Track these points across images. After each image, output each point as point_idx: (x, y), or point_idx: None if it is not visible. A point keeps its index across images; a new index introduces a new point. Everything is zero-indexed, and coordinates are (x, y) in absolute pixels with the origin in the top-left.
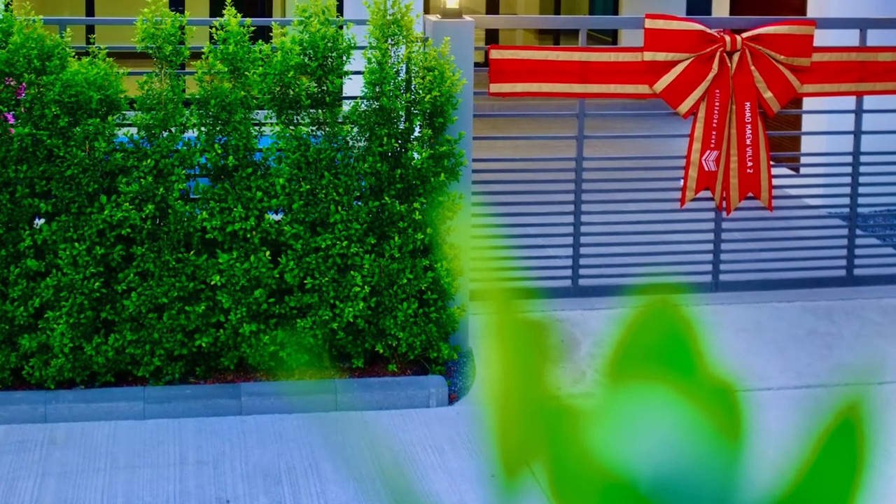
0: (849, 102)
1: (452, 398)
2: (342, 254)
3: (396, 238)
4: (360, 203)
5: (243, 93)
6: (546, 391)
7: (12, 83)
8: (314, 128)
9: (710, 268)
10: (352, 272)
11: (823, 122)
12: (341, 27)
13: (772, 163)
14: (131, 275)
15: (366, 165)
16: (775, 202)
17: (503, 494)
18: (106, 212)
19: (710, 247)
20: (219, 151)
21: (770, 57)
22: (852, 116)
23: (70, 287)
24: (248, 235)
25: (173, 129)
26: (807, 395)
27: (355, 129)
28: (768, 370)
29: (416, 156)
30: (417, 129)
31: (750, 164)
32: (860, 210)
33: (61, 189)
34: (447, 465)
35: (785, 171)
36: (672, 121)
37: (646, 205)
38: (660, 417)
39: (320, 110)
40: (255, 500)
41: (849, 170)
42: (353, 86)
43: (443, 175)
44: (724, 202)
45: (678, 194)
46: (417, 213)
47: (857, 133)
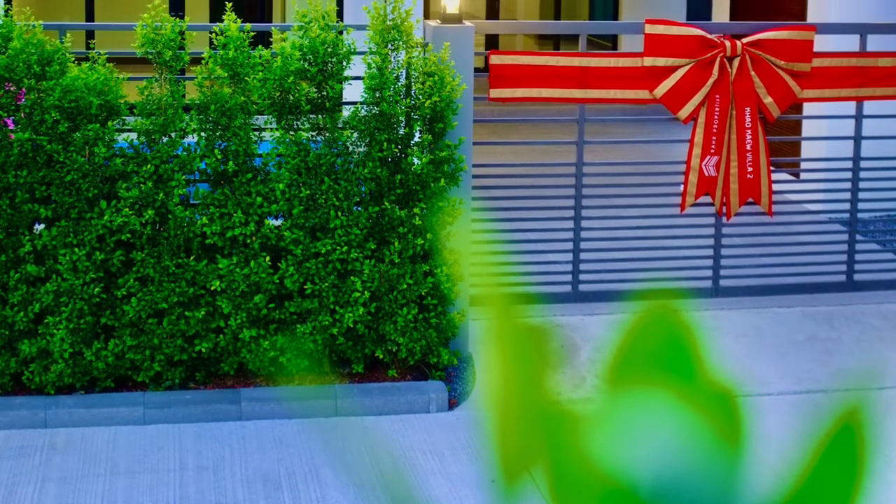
0: (849, 108)
1: (452, 403)
2: (342, 259)
3: (396, 243)
4: (360, 208)
5: (243, 98)
6: (546, 396)
7: (12, 88)
8: (314, 133)
9: (710, 273)
10: (352, 277)
11: (823, 127)
12: (341, 32)
13: (772, 168)
14: (131, 280)
15: (366, 171)
16: (775, 207)
17: (503, 500)
18: (106, 217)
19: (710, 252)
20: (219, 157)
21: (770, 62)
22: (852, 122)
23: (70, 292)
24: (248, 241)
25: (173, 135)
26: (807, 400)
27: (355, 135)
28: (768, 375)
29: (416, 161)
30: (417, 134)
31: (750, 169)
32: (860, 215)
33: (61, 194)
34: (447, 471)
35: (785, 176)
36: (672, 126)
37: (646, 210)
38: (660, 423)
39: (320, 115)
40: None
41: (849, 175)
42: (353, 91)
43: (443, 180)
44: (725, 207)
45: (678, 200)
46: (417, 218)
47: (858, 138)
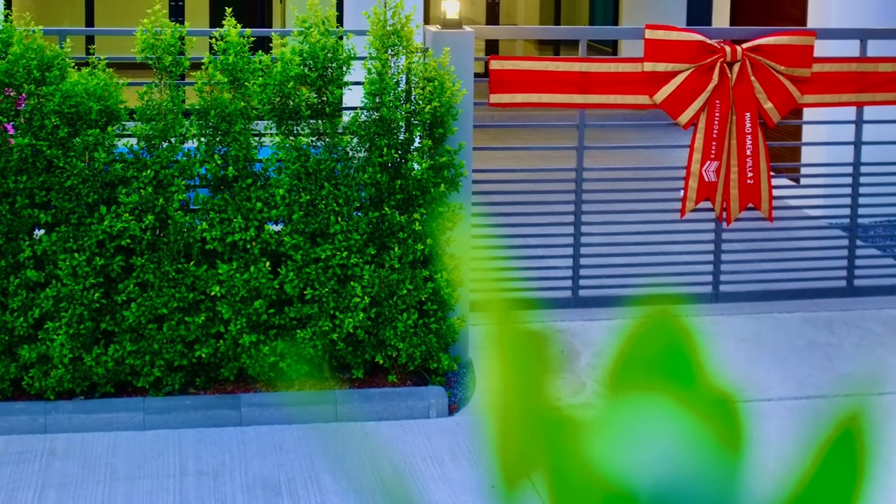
0: (849, 113)
1: (452, 409)
2: (342, 264)
3: (396, 249)
4: (360, 214)
5: (243, 103)
6: (546, 402)
7: (12, 94)
8: (314, 138)
9: (710, 278)
10: (352, 283)
11: (824, 132)
12: (341, 38)
13: (772, 173)
14: (131, 285)
15: (366, 176)
16: (775, 213)
17: None
18: (106, 222)
19: (711, 257)
20: (219, 162)
21: (770, 67)
22: (853, 127)
23: (70, 298)
24: (248, 246)
25: (173, 140)
26: (807, 405)
27: (355, 140)
28: (768, 381)
29: (416, 166)
30: (417, 139)
31: (750, 174)
32: (860, 221)
33: (61, 200)
34: (447, 476)
35: (785, 181)
36: (672, 131)
37: (646, 215)
38: (660, 428)
39: (320, 121)
40: None
41: (849, 180)
42: (353, 96)
43: (443, 186)
44: (725, 213)
45: (678, 205)
46: (417, 223)
47: (858, 144)
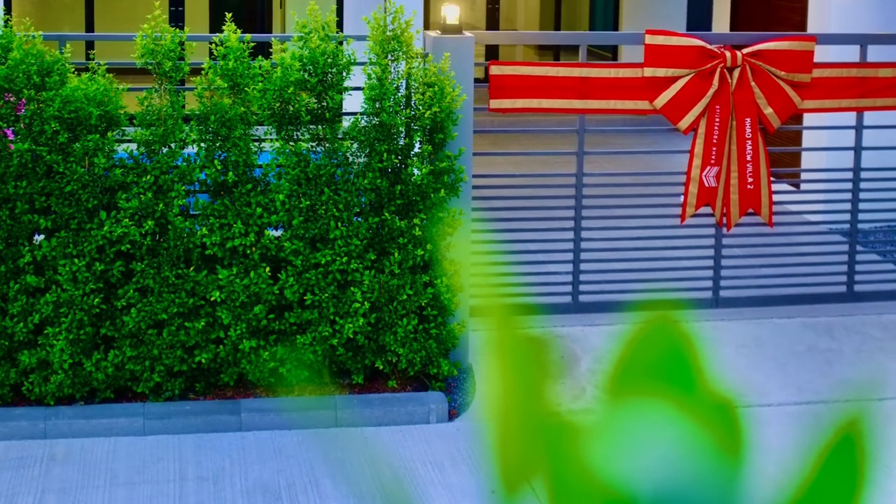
0: (849, 118)
1: (452, 414)
2: (342, 270)
3: (396, 254)
4: (359, 219)
5: (243, 109)
6: (546, 407)
7: (12, 99)
8: (314, 144)
9: (710, 284)
10: (352, 288)
11: (824, 137)
12: (341, 43)
13: (772, 179)
14: (131, 291)
15: (366, 181)
16: (776, 218)
17: None
18: (106, 228)
19: (711, 263)
20: (218, 167)
21: (770, 73)
22: (853, 132)
23: (70, 303)
24: (248, 251)
25: (173, 145)
26: (807, 411)
27: (355, 145)
28: (769, 386)
29: (416, 172)
30: (417, 145)
31: (750, 179)
32: (860, 226)
33: (61, 205)
34: (447, 482)
35: (785, 186)
36: (672, 137)
37: (646, 221)
38: (660, 433)
39: (320, 126)
40: None
41: (849, 186)
42: (353, 102)
43: (443, 191)
44: (725, 218)
45: (678, 210)
46: (417, 229)
47: (858, 149)
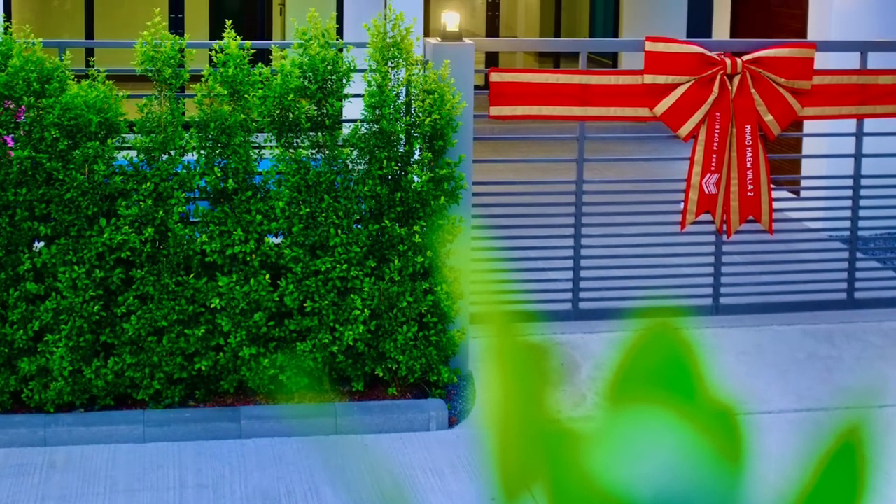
0: (849, 125)
1: (452, 421)
2: (342, 277)
3: (396, 261)
4: (359, 226)
5: (243, 116)
6: (546, 414)
7: (11, 106)
8: (314, 151)
9: (710, 291)
10: (352, 295)
11: (824, 145)
12: (341, 50)
13: (772, 186)
14: (131, 298)
15: (366, 188)
16: (776, 225)
17: None
18: (105, 235)
19: (711, 270)
20: (218, 174)
21: (770, 80)
22: (853, 139)
23: (69, 310)
24: (248, 258)
25: (173, 153)
26: (807, 418)
27: (355, 152)
28: (769, 393)
29: (416, 179)
30: (417, 152)
31: (750, 187)
32: (861, 233)
33: (61, 212)
34: (447, 489)
35: (785, 194)
36: (672, 144)
37: (646, 228)
38: (660, 441)
39: (320, 133)
40: None
41: (849, 193)
42: (353, 109)
43: (443, 198)
44: (725, 225)
45: (678, 217)
46: (417, 236)
47: (858, 156)
